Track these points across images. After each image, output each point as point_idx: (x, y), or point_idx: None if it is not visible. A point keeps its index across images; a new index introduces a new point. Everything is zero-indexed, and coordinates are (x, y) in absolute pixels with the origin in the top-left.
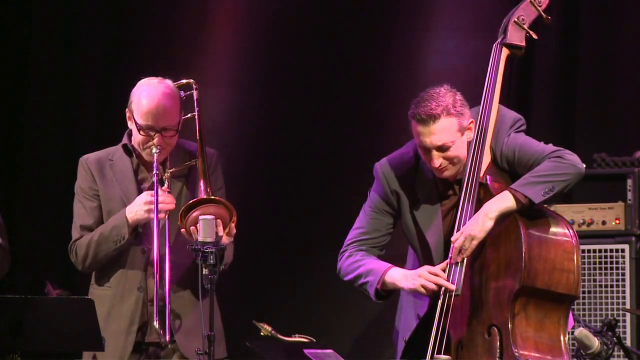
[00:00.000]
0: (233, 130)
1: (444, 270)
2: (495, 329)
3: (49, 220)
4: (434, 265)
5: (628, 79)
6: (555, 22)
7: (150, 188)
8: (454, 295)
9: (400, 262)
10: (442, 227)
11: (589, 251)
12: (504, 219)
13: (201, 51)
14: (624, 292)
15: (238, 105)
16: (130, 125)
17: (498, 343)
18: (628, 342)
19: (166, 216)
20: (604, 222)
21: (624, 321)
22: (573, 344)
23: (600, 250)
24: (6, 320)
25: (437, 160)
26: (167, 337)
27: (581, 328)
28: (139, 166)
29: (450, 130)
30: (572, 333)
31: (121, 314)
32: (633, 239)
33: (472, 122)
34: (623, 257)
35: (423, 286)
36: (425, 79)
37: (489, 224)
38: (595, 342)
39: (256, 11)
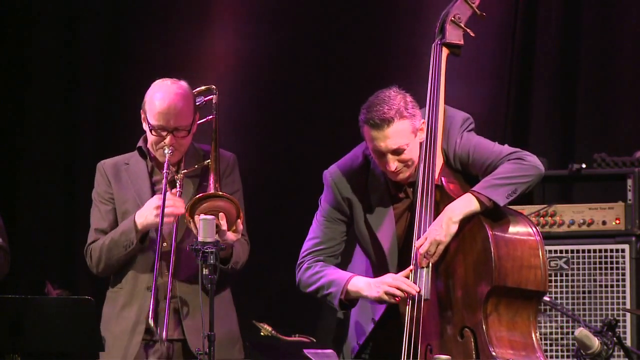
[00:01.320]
0: (233, 130)
1: (407, 277)
2: (469, 331)
3: (49, 220)
4: (388, 268)
5: (628, 79)
6: (556, 22)
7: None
8: (423, 300)
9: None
10: (396, 230)
11: (589, 251)
12: (467, 221)
13: (201, 51)
14: (624, 292)
15: (238, 105)
16: (145, 126)
17: (473, 345)
18: (628, 342)
19: (175, 220)
20: (604, 222)
21: (624, 321)
22: (573, 344)
23: (600, 250)
24: (6, 320)
25: (393, 163)
26: (164, 335)
27: (581, 328)
28: (154, 168)
29: (404, 132)
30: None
31: (130, 314)
32: (633, 239)
33: (423, 122)
34: (623, 257)
35: (387, 293)
36: (425, 78)
37: (454, 227)
38: (596, 342)
39: (256, 11)
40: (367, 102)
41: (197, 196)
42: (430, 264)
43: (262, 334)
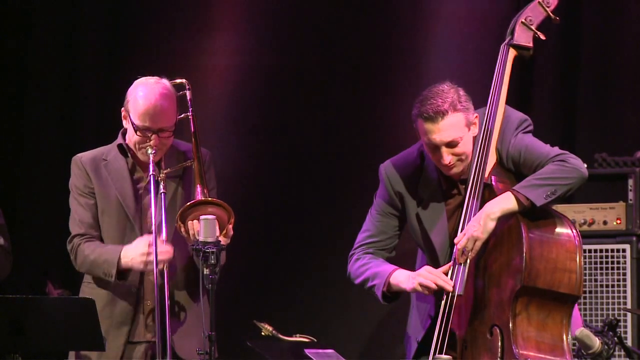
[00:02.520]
0: (232, 130)
1: (447, 272)
2: (497, 329)
3: (50, 220)
4: (439, 264)
5: (628, 79)
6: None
7: (146, 188)
8: (457, 295)
9: (409, 260)
10: (447, 227)
11: (590, 251)
12: (506, 219)
13: (201, 51)
14: (625, 292)
15: (238, 105)
16: (126, 124)
17: (499, 343)
18: (629, 342)
19: (164, 266)
20: (605, 222)
21: (625, 321)
22: (574, 344)
23: (601, 250)
24: (7, 320)
25: (447, 156)
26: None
27: (582, 328)
28: (135, 166)
29: (458, 125)
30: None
31: (112, 313)
32: (634, 238)
33: (476, 116)
34: (624, 257)
35: (421, 285)
36: (427, 80)
37: (491, 224)
38: (597, 342)
39: (256, 11)
40: (420, 96)
41: (188, 203)
42: (468, 260)
43: (262, 333)
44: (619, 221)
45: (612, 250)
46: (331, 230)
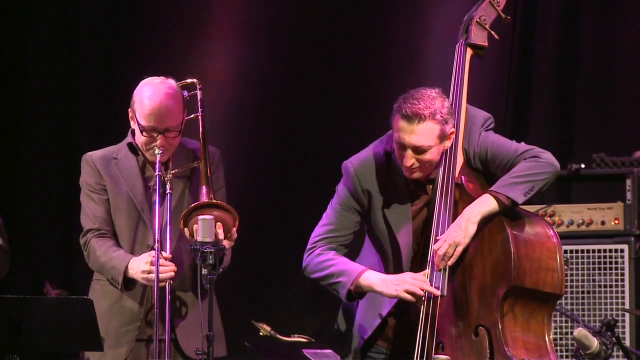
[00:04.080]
0: (232, 130)
1: (425, 277)
2: (484, 330)
3: (49, 220)
4: (401, 264)
5: (627, 79)
6: (555, 22)
7: (154, 188)
8: (440, 297)
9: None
10: (413, 227)
11: (588, 251)
12: (485, 221)
13: (201, 51)
14: (623, 292)
15: (238, 105)
16: (133, 125)
17: (487, 344)
18: (627, 342)
19: (166, 284)
20: (603, 222)
21: (623, 321)
22: (572, 344)
23: (599, 251)
24: (5, 320)
25: (410, 159)
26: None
27: (580, 328)
28: (145, 164)
29: (431, 134)
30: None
31: (123, 310)
32: (632, 239)
33: (452, 132)
34: (622, 257)
35: (408, 292)
36: (427, 80)
37: (473, 228)
38: (595, 342)
39: (256, 11)
40: (407, 92)
41: (192, 205)
42: (447, 266)
43: (261, 334)
44: (617, 221)
45: (610, 251)
46: None
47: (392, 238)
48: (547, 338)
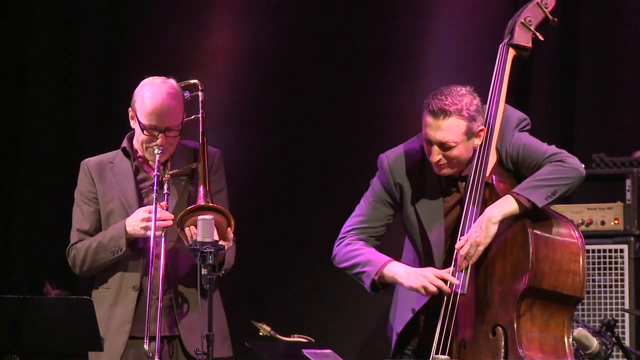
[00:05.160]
0: (232, 130)
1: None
2: (500, 329)
3: (48, 220)
4: (433, 259)
5: (627, 79)
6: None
7: (151, 188)
8: (459, 294)
9: (394, 255)
10: (444, 223)
11: (587, 251)
12: (508, 222)
13: (201, 51)
14: (622, 292)
15: (238, 105)
16: (133, 124)
17: (503, 343)
18: (627, 342)
19: (162, 233)
20: (602, 223)
21: (623, 321)
22: (572, 344)
23: (599, 251)
24: (5, 320)
25: (436, 155)
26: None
27: (580, 328)
28: (138, 167)
29: (457, 131)
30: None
31: (116, 313)
32: (632, 239)
33: (482, 129)
34: (622, 257)
35: (424, 287)
36: (426, 80)
37: (493, 229)
38: (594, 342)
39: (256, 11)
40: (438, 88)
41: (187, 208)
42: (470, 265)
43: (260, 333)
44: (616, 221)
45: (610, 251)
46: (330, 230)
47: (424, 233)
48: (566, 340)
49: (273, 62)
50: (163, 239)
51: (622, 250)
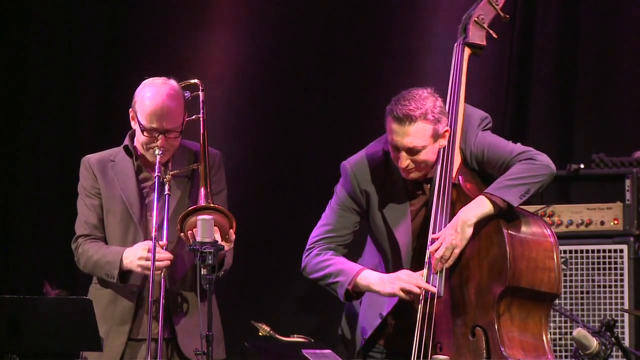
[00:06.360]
0: (232, 130)
1: (422, 276)
2: (480, 330)
3: (48, 220)
4: (401, 264)
5: (627, 79)
6: (554, 22)
7: (152, 188)
8: (436, 297)
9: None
10: (412, 226)
11: (587, 251)
12: (482, 223)
13: (201, 51)
14: (622, 292)
15: (238, 105)
16: (134, 125)
17: (484, 344)
18: (626, 343)
19: (162, 273)
20: (602, 223)
21: (622, 321)
22: (572, 344)
23: (598, 251)
24: (4, 320)
25: (405, 161)
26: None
27: (580, 328)
28: (140, 167)
29: (423, 135)
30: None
31: (114, 313)
32: (631, 239)
33: (447, 130)
34: (621, 257)
35: (404, 290)
36: (426, 80)
37: (469, 231)
38: (594, 343)
39: (256, 11)
40: (399, 94)
41: (189, 209)
42: (444, 268)
43: (260, 334)
44: (616, 221)
45: (610, 251)
46: None
47: (391, 237)
48: (544, 338)
49: (273, 62)
50: (165, 233)
51: (621, 251)
